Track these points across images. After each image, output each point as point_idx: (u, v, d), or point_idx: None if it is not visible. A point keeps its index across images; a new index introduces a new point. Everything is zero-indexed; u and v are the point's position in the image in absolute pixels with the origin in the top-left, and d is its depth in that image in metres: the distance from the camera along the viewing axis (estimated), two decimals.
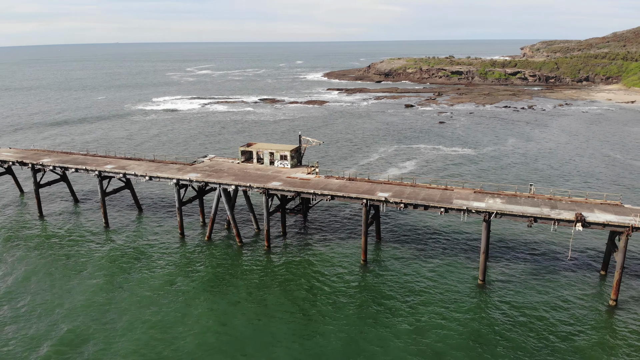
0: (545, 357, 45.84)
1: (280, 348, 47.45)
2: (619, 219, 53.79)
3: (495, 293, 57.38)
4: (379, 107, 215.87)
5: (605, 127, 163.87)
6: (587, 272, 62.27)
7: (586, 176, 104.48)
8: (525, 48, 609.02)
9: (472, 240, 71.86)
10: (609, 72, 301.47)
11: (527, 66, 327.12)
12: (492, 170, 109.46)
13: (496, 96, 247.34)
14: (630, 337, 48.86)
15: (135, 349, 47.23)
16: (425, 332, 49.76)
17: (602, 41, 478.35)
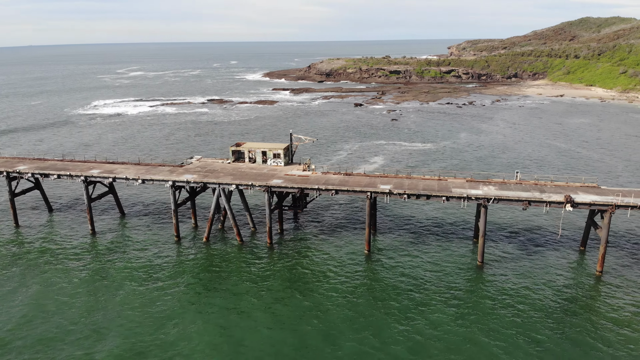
0: (545, 320, 50.79)
1: (306, 348, 49.26)
2: (602, 198, 60.23)
3: (494, 271, 62.20)
4: (330, 106, 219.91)
5: (544, 120, 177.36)
6: (568, 249, 68.76)
7: (541, 164, 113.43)
8: (452, 47, 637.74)
9: (463, 227, 76.78)
10: (535, 68, 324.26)
11: (460, 64, 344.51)
12: (458, 161, 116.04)
13: (436, 94, 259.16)
14: (617, 301, 55.05)
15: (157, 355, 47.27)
16: (437, 311, 53.37)
17: (524, 39, 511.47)
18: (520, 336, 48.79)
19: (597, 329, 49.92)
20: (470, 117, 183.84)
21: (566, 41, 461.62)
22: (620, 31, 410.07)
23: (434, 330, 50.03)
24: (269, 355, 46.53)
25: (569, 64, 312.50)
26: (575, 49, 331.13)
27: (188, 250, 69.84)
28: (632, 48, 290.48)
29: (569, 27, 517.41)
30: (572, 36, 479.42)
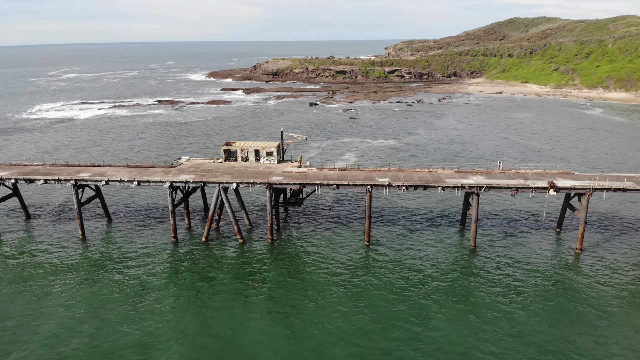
0: (537, 292, 56.33)
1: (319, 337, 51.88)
2: (580, 183, 66.91)
3: (486, 253, 67.36)
4: (286, 105, 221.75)
5: (491, 115, 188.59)
6: (546, 230, 75.40)
7: (499, 155, 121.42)
8: (389, 48, 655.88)
9: (449, 215, 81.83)
10: (472, 67, 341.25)
11: (403, 64, 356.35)
12: (425, 155, 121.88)
13: (384, 93, 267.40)
14: (597, 272, 61.61)
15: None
16: (440, 291, 57.65)
17: (458, 40, 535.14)
18: (515, 306, 53.80)
19: (582, 297, 55.90)
20: (422, 114, 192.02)
21: (497, 41, 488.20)
22: (547, 30, 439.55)
23: (440, 308, 54.08)
24: (281, 351, 48.53)
25: (503, 62, 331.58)
26: (509, 48, 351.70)
27: (189, 251, 70.01)
28: (561, 47, 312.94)
29: (499, 27, 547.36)
30: (503, 36, 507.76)
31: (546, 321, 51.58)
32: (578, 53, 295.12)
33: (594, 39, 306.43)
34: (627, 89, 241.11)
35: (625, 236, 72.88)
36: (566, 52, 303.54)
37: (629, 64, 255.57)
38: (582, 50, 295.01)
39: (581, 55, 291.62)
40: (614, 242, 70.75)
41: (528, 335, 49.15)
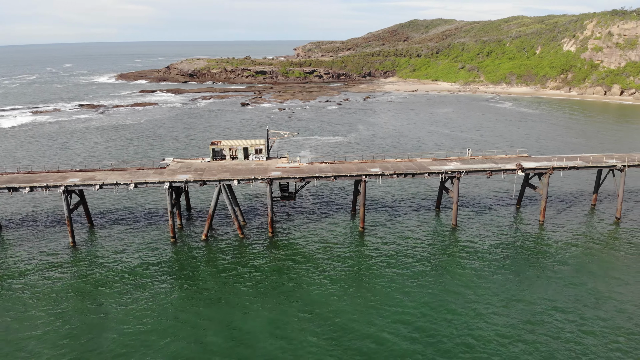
0: (510, 256, 66.07)
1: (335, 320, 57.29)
2: (541, 164, 77.99)
3: (466, 231, 76.18)
4: (218, 105, 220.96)
5: (417, 111, 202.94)
6: (507, 207, 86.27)
7: (439, 146, 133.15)
8: (298, 48, 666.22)
9: (426, 200, 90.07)
10: (385, 67, 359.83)
11: (321, 65, 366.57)
12: (376, 149, 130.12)
13: (310, 93, 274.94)
14: (557, 244, 72.86)
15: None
16: (433, 264, 65.45)
17: (364, 41, 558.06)
18: (494, 270, 62.84)
19: (548, 255, 66.37)
20: (355, 112, 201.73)
21: (401, 41, 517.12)
22: (446, 31, 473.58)
23: (441, 278, 61.67)
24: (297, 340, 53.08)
25: (413, 62, 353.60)
26: (417, 48, 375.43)
27: (192, 250, 71.10)
28: (464, 46, 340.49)
29: (401, 28, 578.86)
30: (406, 37, 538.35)
31: (526, 278, 60.85)
32: (480, 52, 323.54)
33: (492, 38, 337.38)
34: (527, 84, 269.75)
35: (574, 207, 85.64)
36: (469, 52, 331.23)
37: (526, 61, 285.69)
38: (484, 49, 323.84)
39: (483, 54, 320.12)
40: (567, 213, 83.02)
41: (511, 292, 57.91)
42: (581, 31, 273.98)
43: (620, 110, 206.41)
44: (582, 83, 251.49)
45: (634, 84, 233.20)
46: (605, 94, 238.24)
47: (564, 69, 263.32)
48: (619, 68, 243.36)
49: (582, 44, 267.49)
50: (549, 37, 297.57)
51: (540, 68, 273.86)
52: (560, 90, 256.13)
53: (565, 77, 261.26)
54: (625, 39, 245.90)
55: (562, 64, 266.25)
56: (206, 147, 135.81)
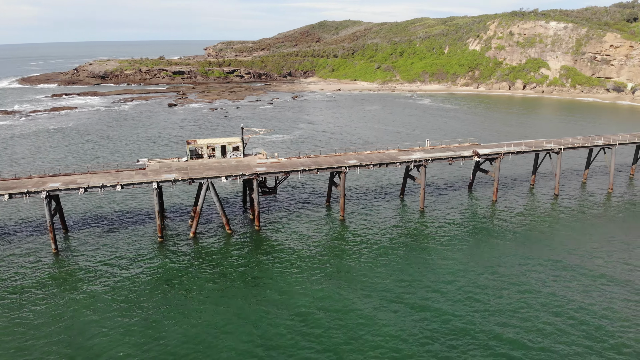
0: (472, 233, 75.48)
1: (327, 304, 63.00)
2: (493, 150, 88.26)
3: (433, 212, 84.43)
4: (144, 107, 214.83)
5: (349, 108, 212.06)
6: (460, 190, 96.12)
7: (381, 140, 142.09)
8: (208, 48, 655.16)
9: (387, 188, 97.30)
10: (305, 67, 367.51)
11: (241, 65, 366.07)
12: (328, 145, 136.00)
13: (237, 93, 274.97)
14: (511, 218, 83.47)
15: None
16: (414, 241, 73.12)
17: (278, 41, 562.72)
18: (464, 242, 71.75)
19: (504, 230, 76.55)
20: (290, 111, 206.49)
21: (314, 42, 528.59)
22: (357, 32, 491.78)
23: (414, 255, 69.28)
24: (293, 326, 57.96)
25: (331, 62, 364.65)
26: (333, 49, 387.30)
27: (182, 248, 71.89)
28: (377, 47, 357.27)
29: (312, 29, 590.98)
30: (318, 37, 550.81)
31: (492, 244, 70.10)
32: (393, 52, 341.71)
33: (403, 39, 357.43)
34: (439, 81, 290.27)
35: (517, 187, 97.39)
36: (383, 52, 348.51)
37: (436, 60, 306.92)
38: (396, 50, 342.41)
39: (396, 54, 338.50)
40: (513, 193, 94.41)
41: (480, 256, 66.77)
42: (484, 31, 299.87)
43: (525, 102, 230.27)
44: (489, 79, 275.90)
45: (534, 79, 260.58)
46: (510, 89, 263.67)
47: (472, 67, 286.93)
48: (520, 64, 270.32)
49: (486, 43, 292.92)
50: (455, 37, 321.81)
51: (450, 66, 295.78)
52: (469, 86, 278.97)
53: (473, 74, 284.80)
54: (524, 37, 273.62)
55: (469, 62, 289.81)
56: (160, 148, 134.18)
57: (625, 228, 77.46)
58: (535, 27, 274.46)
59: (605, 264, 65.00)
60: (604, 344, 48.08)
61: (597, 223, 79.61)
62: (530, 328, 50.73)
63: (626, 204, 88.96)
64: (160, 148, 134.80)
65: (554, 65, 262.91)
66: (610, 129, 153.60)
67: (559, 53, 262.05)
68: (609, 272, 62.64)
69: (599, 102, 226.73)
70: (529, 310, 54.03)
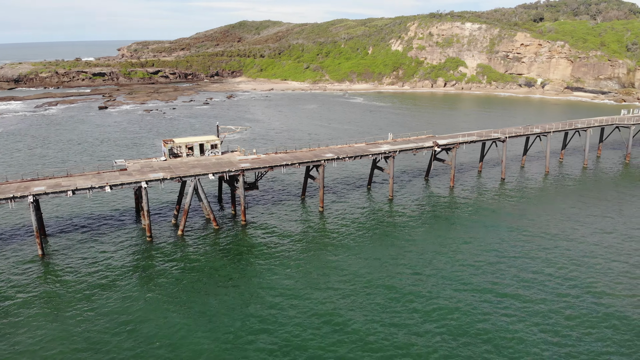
0: (439, 215, 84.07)
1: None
2: (450, 141, 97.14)
3: (401, 200, 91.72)
4: (74, 111, 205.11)
5: (287, 107, 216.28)
6: (419, 178, 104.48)
7: (331, 136, 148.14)
8: (122, 49, 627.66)
9: (354, 179, 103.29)
10: (232, 67, 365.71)
11: (165, 65, 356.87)
12: (291, 141, 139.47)
13: (166, 93, 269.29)
14: (469, 199, 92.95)
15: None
16: (384, 229, 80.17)
17: (197, 41, 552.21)
18: (433, 223, 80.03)
19: (465, 209, 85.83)
20: (229, 110, 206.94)
21: (235, 42, 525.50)
22: (279, 33, 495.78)
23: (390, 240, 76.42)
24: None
25: (258, 62, 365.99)
26: (259, 49, 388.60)
27: (173, 246, 72.77)
28: (303, 47, 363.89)
29: (232, 29, 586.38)
30: (239, 38, 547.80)
31: (458, 223, 78.73)
32: (319, 52, 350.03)
33: (328, 40, 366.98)
34: (366, 81, 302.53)
35: (466, 173, 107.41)
36: (309, 52, 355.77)
37: (362, 60, 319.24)
38: (322, 50, 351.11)
39: (322, 54, 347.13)
40: (465, 178, 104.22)
41: (449, 235, 75.12)
42: (405, 32, 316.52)
43: (447, 99, 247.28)
44: (412, 78, 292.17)
45: (454, 77, 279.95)
46: (432, 86, 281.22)
47: (396, 67, 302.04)
48: (440, 63, 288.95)
49: (407, 44, 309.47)
50: (378, 38, 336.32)
51: (375, 66, 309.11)
52: (395, 85, 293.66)
53: (397, 73, 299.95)
54: (443, 38, 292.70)
55: (393, 62, 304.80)
56: (114, 150, 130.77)
57: (560, 200, 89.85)
58: (452, 28, 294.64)
59: (546, 224, 75.47)
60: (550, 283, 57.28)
61: (540, 198, 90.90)
62: (497, 281, 58.91)
63: (560, 182, 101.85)
64: (114, 150, 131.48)
65: (470, 64, 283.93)
66: (529, 119, 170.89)
67: (474, 52, 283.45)
68: (550, 231, 75.48)
69: (514, 96, 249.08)
70: (493, 270, 62.30)
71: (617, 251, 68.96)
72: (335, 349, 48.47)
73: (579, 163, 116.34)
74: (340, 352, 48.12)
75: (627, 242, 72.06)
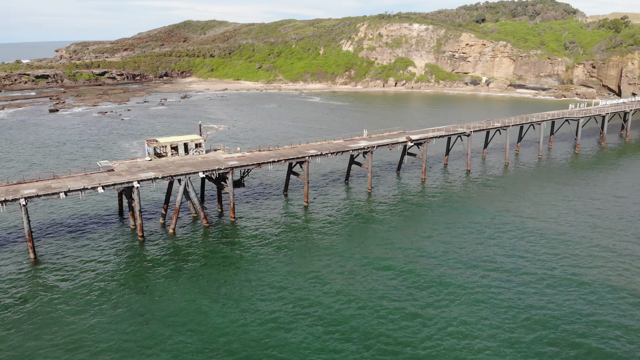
0: (415, 205, 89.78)
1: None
2: (421, 136, 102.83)
3: (379, 192, 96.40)
4: (22, 115, 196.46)
5: (248, 107, 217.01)
6: (390, 172, 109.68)
7: (300, 135, 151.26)
8: (61, 50, 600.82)
9: (331, 175, 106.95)
10: (182, 67, 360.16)
11: (111, 66, 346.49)
12: (254, 140, 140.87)
13: (117, 95, 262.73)
14: (441, 190, 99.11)
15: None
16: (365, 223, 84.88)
17: (140, 41, 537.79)
18: (411, 213, 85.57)
19: (438, 198, 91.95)
20: (188, 111, 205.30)
21: (181, 42, 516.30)
22: (227, 33, 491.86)
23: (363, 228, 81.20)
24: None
25: (208, 62, 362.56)
26: (209, 49, 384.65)
27: (166, 245, 73.43)
28: (254, 47, 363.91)
29: (177, 29, 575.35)
30: (185, 37, 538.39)
31: (432, 210, 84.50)
32: (270, 52, 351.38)
33: (279, 40, 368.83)
34: (320, 81, 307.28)
35: (434, 167, 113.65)
36: (260, 52, 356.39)
37: (314, 61, 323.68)
38: (273, 50, 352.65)
39: (274, 54, 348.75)
40: (433, 171, 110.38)
41: (427, 220, 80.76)
42: (355, 33, 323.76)
43: (399, 97, 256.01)
44: (364, 78, 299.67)
45: (404, 76, 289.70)
46: (384, 86, 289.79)
47: (348, 67, 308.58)
48: (391, 64, 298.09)
49: (358, 44, 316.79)
50: (329, 39, 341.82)
51: (328, 67, 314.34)
52: (348, 85, 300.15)
53: (349, 73, 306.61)
54: (392, 39, 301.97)
55: (345, 62, 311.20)
56: (81, 152, 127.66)
57: (522, 187, 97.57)
58: (400, 29, 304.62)
59: (515, 208, 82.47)
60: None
61: (504, 186, 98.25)
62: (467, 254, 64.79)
63: (518, 171, 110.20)
64: (80, 152, 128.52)
65: (419, 64, 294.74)
66: (479, 115, 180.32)
67: (422, 52, 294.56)
68: (511, 208, 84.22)
69: (462, 94, 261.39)
70: (467, 247, 68.16)
71: (576, 225, 76.59)
72: (320, 336, 51.95)
73: (534, 154, 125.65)
74: (328, 340, 51.68)
75: (580, 216, 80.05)
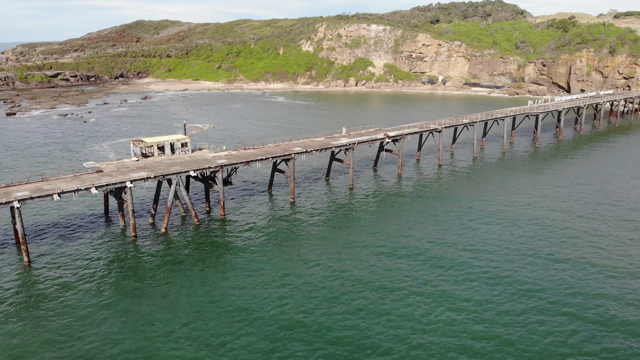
0: (394, 198, 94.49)
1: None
2: (398, 132, 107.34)
3: (360, 188, 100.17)
4: None
5: (214, 107, 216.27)
6: (368, 168, 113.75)
7: (271, 134, 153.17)
8: (6, 52, 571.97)
9: (317, 171, 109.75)
10: (138, 68, 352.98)
11: (64, 67, 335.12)
12: (227, 139, 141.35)
13: (74, 97, 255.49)
14: (417, 184, 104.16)
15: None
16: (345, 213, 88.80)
17: (91, 42, 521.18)
18: (390, 206, 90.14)
19: (414, 191, 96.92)
20: (153, 111, 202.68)
21: (133, 42, 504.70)
22: (181, 33, 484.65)
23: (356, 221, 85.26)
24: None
25: (165, 62, 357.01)
26: (165, 49, 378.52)
27: (160, 243, 73.86)
28: (212, 47, 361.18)
29: (129, 29, 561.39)
30: (137, 37, 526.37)
31: (412, 202, 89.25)
32: (229, 52, 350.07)
33: (237, 40, 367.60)
34: (281, 81, 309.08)
35: (410, 161, 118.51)
36: (219, 52, 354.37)
37: (275, 61, 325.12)
38: (232, 50, 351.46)
39: (232, 54, 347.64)
40: (409, 166, 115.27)
41: (408, 214, 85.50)
42: (315, 34, 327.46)
43: (360, 96, 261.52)
44: (325, 77, 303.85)
45: (364, 76, 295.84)
46: (345, 86, 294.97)
47: (309, 67, 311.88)
48: (350, 64, 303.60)
49: (317, 44, 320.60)
50: (288, 39, 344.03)
51: (289, 67, 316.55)
52: (310, 84, 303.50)
53: (310, 73, 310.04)
54: (351, 39, 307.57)
55: (306, 62, 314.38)
56: (50, 155, 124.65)
57: (490, 177, 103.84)
58: (359, 29, 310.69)
59: (481, 195, 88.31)
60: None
61: (475, 177, 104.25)
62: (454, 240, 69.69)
63: (487, 164, 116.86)
64: (50, 155, 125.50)
65: (378, 64, 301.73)
66: (438, 113, 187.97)
67: (381, 52, 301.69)
68: (486, 197, 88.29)
69: (420, 93, 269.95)
70: (446, 234, 73.12)
71: (548, 209, 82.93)
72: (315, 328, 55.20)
73: (499, 148, 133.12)
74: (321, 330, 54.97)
75: (550, 201, 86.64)
